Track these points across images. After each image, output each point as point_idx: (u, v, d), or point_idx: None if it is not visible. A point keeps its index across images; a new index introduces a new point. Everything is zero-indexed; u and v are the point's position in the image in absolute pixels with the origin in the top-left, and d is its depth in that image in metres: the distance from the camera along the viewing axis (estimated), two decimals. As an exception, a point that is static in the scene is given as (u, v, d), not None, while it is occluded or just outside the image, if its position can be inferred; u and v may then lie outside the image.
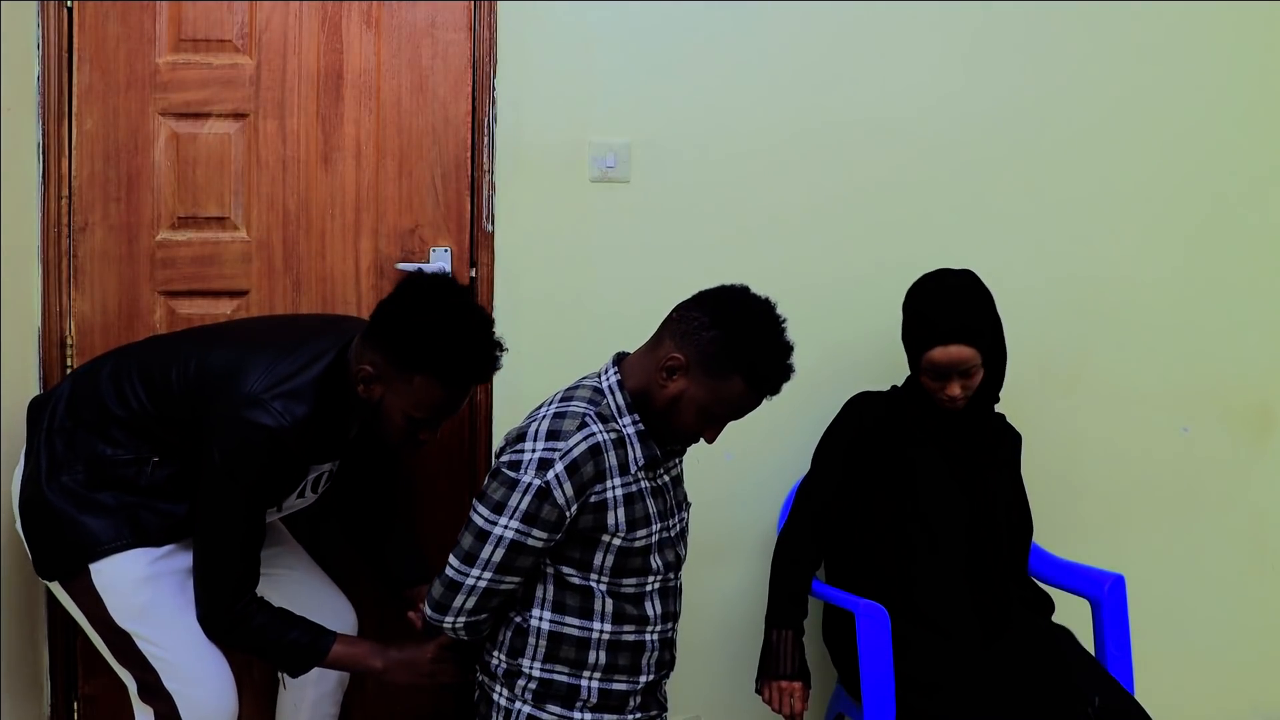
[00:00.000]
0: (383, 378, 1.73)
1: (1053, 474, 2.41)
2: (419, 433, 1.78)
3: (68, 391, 1.88)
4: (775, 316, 1.69)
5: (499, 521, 1.61)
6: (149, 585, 1.79)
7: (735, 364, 1.63)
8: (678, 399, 1.67)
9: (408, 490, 2.27)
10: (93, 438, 1.81)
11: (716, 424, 1.70)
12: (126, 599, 1.79)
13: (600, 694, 1.71)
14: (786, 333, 1.69)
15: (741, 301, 1.69)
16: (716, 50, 2.35)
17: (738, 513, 2.37)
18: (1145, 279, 2.45)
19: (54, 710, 2.29)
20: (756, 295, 1.71)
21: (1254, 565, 2.53)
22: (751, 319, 1.66)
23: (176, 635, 1.81)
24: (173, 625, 1.80)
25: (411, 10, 2.30)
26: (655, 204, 2.34)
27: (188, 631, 1.81)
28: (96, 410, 1.82)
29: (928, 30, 2.38)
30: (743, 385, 1.65)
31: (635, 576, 1.70)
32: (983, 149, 2.40)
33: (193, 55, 2.28)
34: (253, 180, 2.28)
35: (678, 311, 1.72)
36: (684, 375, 1.66)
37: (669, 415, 1.68)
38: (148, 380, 1.82)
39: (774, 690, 1.95)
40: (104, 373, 1.86)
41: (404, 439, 1.79)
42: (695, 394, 1.66)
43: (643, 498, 1.69)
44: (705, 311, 1.67)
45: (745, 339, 1.64)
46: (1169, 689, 2.29)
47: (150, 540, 1.80)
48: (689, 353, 1.65)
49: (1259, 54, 2.46)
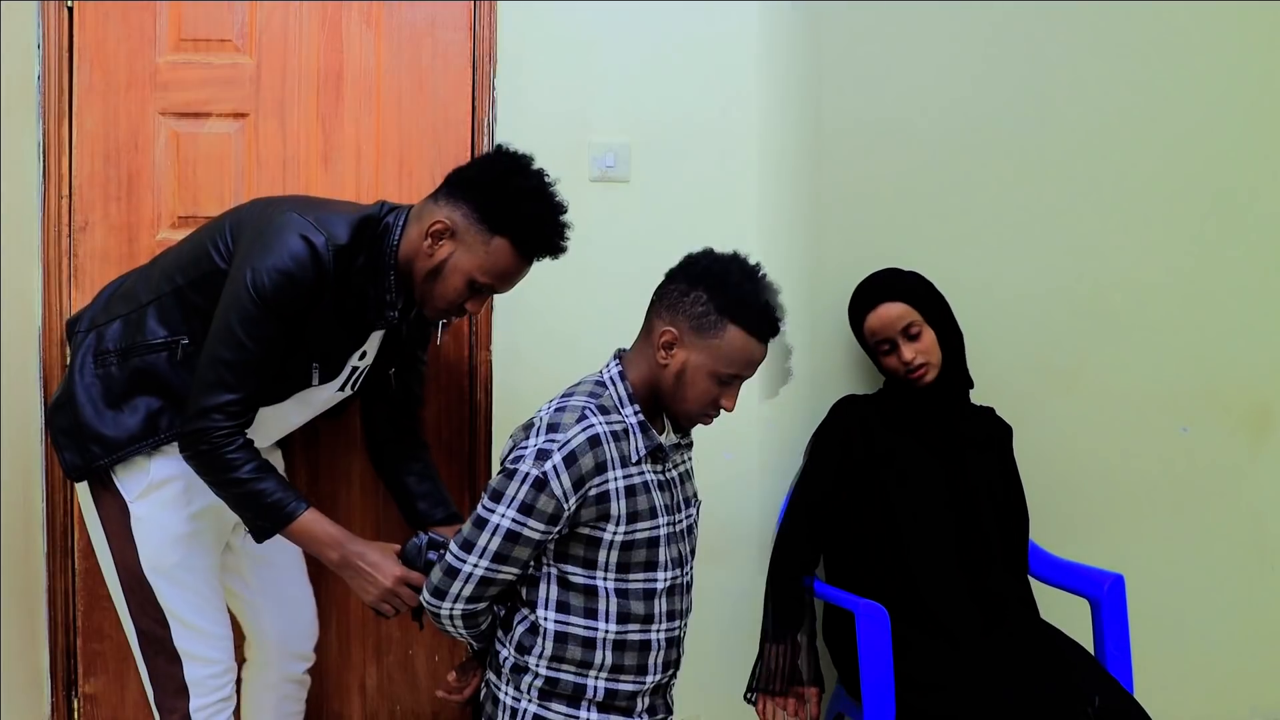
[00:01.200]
0: (459, 234, 1.73)
1: (1053, 473, 2.42)
2: (468, 302, 1.78)
3: (105, 295, 1.90)
4: (750, 264, 1.71)
5: (496, 510, 1.62)
6: (183, 543, 1.81)
7: (727, 315, 1.65)
8: (683, 372, 1.68)
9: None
10: (125, 328, 1.81)
11: (729, 385, 1.70)
12: (161, 552, 1.80)
13: (607, 693, 1.71)
14: (767, 275, 1.71)
15: (712, 257, 1.71)
16: (716, 50, 2.35)
17: (738, 512, 2.37)
18: (1145, 279, 2.46)
19: (54, 710, 2.29)
20: (724, 251, 1.73)
21: (1253, 565, 2.53)
22: (727, 269, 1.68)
23: (199, 597, 1.83)
24: (197, 587, 1.83)
25: (411, 10, 2.30)
26: (655, 204, 2.34)
27: (210, 595, 1.84)
28: (128, 302, 1.83)
29: (931, 32, 2.38)
30: (741, 334, 1.66)
31: (643, 572, 1.70)
32: (984, 150, 2.40)
33: (193, 55, 2.28)
34: (253, 180, 2.28)
35: (657, 293, 1.74)
36: (681, 346, 1.67)
37: (682, 391, 1.69)
38: (183, 256, 1.82)
39: (768, 704, 1.99)
40: (134, 274, 1.90)
41: (450, 307, 1.79)
42: (699, 360, 1.67)
43: (647, 490, 1.69)
44: (682, 279, 1.69)
45: (728, 289, 1.66)
46: (1168, 689, 2.29)
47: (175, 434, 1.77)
48: (679, 323, 1.67)
49: (1258, 55, 2.46)
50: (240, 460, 1.70)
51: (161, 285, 1.81)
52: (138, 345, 1.79)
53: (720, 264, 1.69)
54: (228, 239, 1.78)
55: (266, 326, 1.69)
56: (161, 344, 1.79)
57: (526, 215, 1.73)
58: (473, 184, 1.75)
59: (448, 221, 1.74)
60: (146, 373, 1.79)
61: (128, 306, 1.83)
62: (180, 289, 1.79)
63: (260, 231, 1.72)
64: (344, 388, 1.93)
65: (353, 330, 1.84)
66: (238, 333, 1.68)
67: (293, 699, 2.11)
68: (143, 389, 1.79)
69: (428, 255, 1.76)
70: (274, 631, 2.05)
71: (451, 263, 1.75)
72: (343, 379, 1.90)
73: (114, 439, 1.78)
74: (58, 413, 1.83)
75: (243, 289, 1.67)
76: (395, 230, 1.79)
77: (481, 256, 1.74)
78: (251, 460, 1.72)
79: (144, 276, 1.88)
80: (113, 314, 1.84)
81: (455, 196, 1.75)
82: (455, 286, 1.76)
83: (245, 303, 1.67)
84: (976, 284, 2.38)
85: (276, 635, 2.06)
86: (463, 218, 1.74)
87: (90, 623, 2.27)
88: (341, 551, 1.76)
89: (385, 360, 1.98)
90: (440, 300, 1.78)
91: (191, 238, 1.89)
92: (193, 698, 1.83)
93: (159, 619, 1.81)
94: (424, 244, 1.75)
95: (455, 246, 1.74)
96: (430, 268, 1.76)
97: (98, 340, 1.82)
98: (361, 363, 1.92)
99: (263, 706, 2.08)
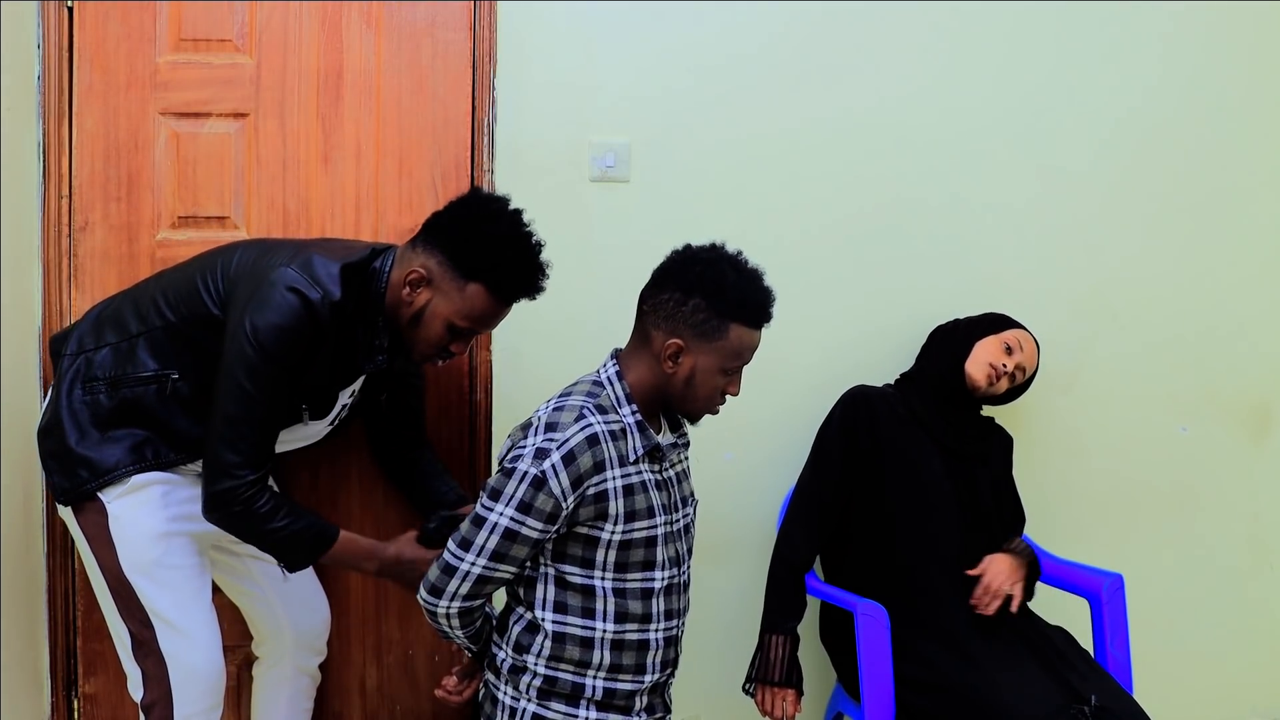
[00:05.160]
0: (434, 281, 1.77)
1: (1052, 474, 2.42)
2: (451, 345, 1.82)
3: (93, 317, 1.90)
4: (735, 257, 1.72)
5: (495, 508, 1.63)
6: (162, 541, 1.82)
7: (728, 317, 1.67)
8: (691, 376, 1.70)
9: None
10: (115, 357, 1.83)
11: (733, 376, 1.73)
12: (139, 550, 1.81)
13: (605, 692, 1.71)
14: (750, 263, 1.72)
15: (702, 261, 1.71)
16: (716, 50, 2.35)
17: (737, 512, 2.38)
18: (1145, 279, 2.46)
19: (54, 709, 2.29)
20: (703, 248, 1.73)
21: (1253, 565, 2.53)
22: (720, 271, 1.68)
23: (180, 596, 1.83)
24: (178, 586, 1.83)
25: (411, 10, 2.30)
26: (655, 204, 2.34)
27: (192, 595, 1.84)
28: (118, 331, 1.84)
29: (933, 31, 2.38)
30: (743, 330, 1.69)
31: (641, 571, 1.70)
32: (984, 151, 2.41)
33: (193, 55, 2.28)
34: (253, 180, 2.28)
35: (648, 302, 1.73)
36: (688, 354, 1.69)
37: (693, 392, 1.72)
38: (172, 291, 1.84)
39: (767, 694, 2.00)
40: (123, 299, 1.90)
41: (435, 351, 1.82)
42: (707, 362, 1.69)
43: (645, 489, 1.70)
44: (674, 288, 1.69)
45: (725, 292, 1.67)
46: (1168, 689, 2.29)
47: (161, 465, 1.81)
48: (683, 332, 1.68)
49: (1259, 56, 2.46)
50: (270, 511, 1.75)
51: (152, 318, 1.83)
52: (128, 376, 1.81)
53: (711, 268, 1.68)
54: (219, 284, 1.80)
55: (272, 378, 1.72)
56: (151, 377, 1.81)
57: (498, 262, 1.76)
58: (444, 232, 1.78)
59: (423, 271, 1.78)
60: (135, 404, 1.81)
61: (118, 335, 1.84)
62: (172, 325, 1.81)
63: (257, 285, 1.73)
64: (333, 422, 1.97)
65: (343, 374, 1.87)
66: (247, 388, 1.71)
67: (305, 694, 2.14)
68: (130, 420, 1.82)
69: (407, 303, 1.80)
70: (290, 626, 2.07)
71: (430, 309, 1.79)
72: (332, 415, 1.93)
73: (101, 464, 1.80)
74: (45, 437, 1.85)
75: (245, 344, 1.70)
76: (382, 275, 1.82)
77: (458, 303, 1.77)
78: (280, 507, 1.77)
79: (133, 303, 1.88)
80: (102, 340, 1.85)
81: (430, 244, 1.79)
82: (436, 332, 1.80)
83: (250, 358, 1.70)
84: (977, 286, 2.38)
85: (293, 629, 2.08)
86: (437, 265, 1.77)
87: (90, 623, 2.26)
88: (377, 561, 1.86)
89: (375, 389, 2.02)
90: (424, 345, 1.83)
91: (182, 269, 1.90)
92: (177, 705, 1.83)
93: (144, 620, 1.82)
94: (403, 292, 1.79)
95: (433, 294, 1.78)
96: (411, 315, 1.80)
97: (86, 366, 1.83)
98: (351, 399, 1.96)
99: (277, 701, 2.10)
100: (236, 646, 2.16)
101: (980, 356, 2.12)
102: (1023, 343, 2.15)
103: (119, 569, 1.81)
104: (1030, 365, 2.17)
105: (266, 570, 2.04)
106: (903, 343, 2.35)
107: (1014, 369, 2.12)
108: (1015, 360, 2.12)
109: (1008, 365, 2.11)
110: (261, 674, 2.11)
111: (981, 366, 2.11)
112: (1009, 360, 2.12)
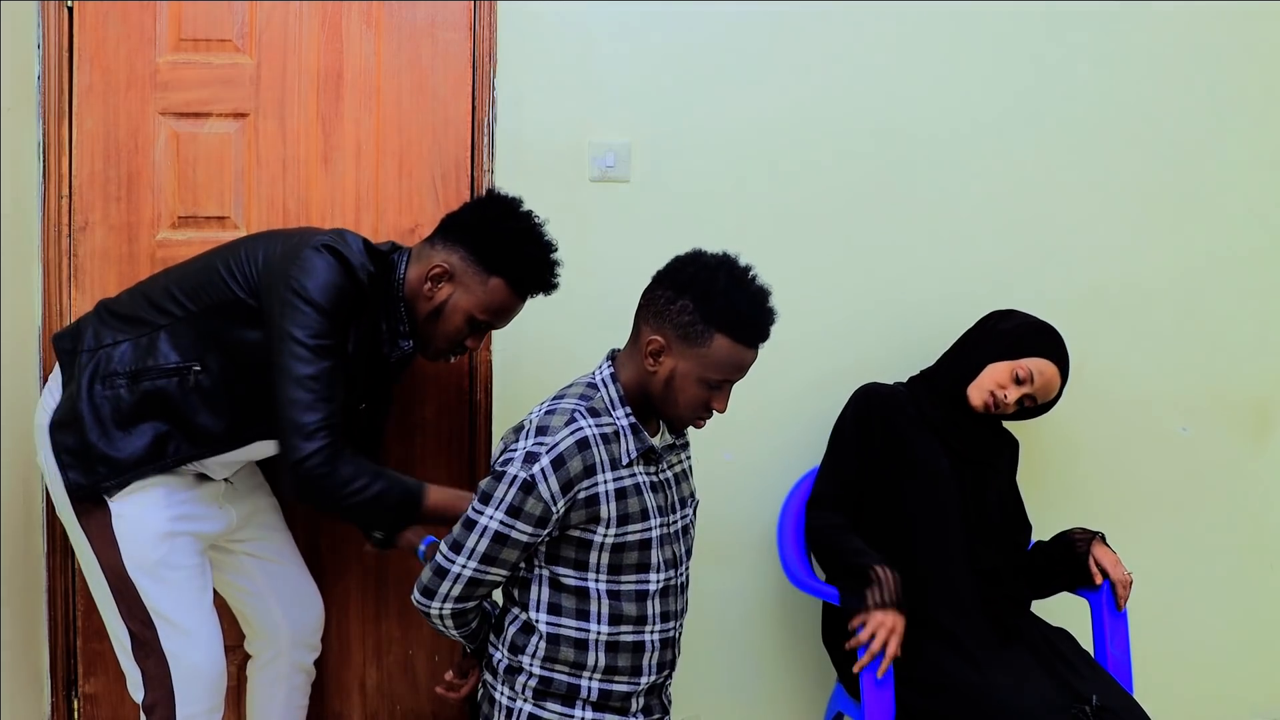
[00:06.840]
0: (457, 276, 1.83)
1: (1053, 474, 2.42)
2: (468, 339, 1.87)
3: (103, 313, 1.88)
4: (740, 269, 1.67)
5: (485, 512, 1.63)
6: (167, 541, 1.82)
7: (714, 325, 1.63)
8: (671, 379, 1.66)
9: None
10: (134, 351, 1.81)
11: (719, 390, 1.69)
12: (143, 549, 1.81)
13: (601, 693, 1.71)
14: (758, 279, 1.68)
15: (700, 264, 1.68)
16: (716, 50, 2.35)
17: (737, 513, 2.37)
18: (1145, 279, 2.46)
19: (54, 709, 2.29)
20: (714, 254, 1.70)
21: (1253, 565, 2.53)
22: (714, 276, 1.65)
23: (183, 595, 1.84)
24: (181, 586, 1.83)
25: (411, 10, 2.30)
26: (655, 204, 2.34)
27: (194, 595, 1.85)
28: (135, 325, 1.83)
29: (934, 33, 2.38)
30: (728, 343, 1.64)
31: (635, 574, 1.70)
32: (984, 152, 2.40)
33: (193, 55, 2.28)
34: (253, 180, 2.28)
35: (645, 295, 1.72)
36: (669, 354, 1.66)
37: (672, 397, 1.68)
38: (188, 282, 1.83)
39: (888, 619, 1.84)
40: (132, 294, 1.89)
41: (450, 346, 1.88)
42: (686, 368, 1.65)
43: (638, 491, 1.69)
44: (669, 285, 1.67)
45: (714, 298, 1.63)
46: (1168, 689, 2.29)
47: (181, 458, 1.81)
48: (666, 331, 1.65)
49: (1259, 57, 2.46)
50: (358, 470, 1.74)
51: (172, 309, 1.82)
52: (149, 369, 1.81)
53: (708, 271, 1.65)
54: (246, 269, 1.80)
55: (331, 332, 1.74)
56: (173, 369, 1.81)
57: (521, 256, 1.83)
58: (468, 228, 1.85)
59: (446, 265, 1.83)
60: (156, 396, 1.80)
61: (136, 329, 1.83)
62: (194, 315, 1.81)
63: (293, 258, 1.75)
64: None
65: (367, 366, 1.87)
66: (310, 344, 1.72)
67: (300, 690, 2.14)
68: (151, 413, 1.81)
69: (428, 297, 1.85)
70: (286, 623, 2.07)
71: (451, 303, 1.84)
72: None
73: (121, 461, 1.79)
74: (61, 431, 1.83)
75: (300, 306, 1.72)
76: (400, 267, 1.87)
77: (480, 296, 1.83)
78: (363, 468, 1.75)
79: (144, 298, 1.86)
80: (120, 336, 1.84)
81: (451, 240, 1.84)
82: (456, 325, 1.85)
83: (307, 316, 1.72)
84: (977, 285, 2.38)
85: (289, 626, 2.08)
86: (460, 260, 1.83)
87: (90, 623, 2.27)
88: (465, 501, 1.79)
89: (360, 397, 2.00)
90: (441, 339, 1.87)
91: (194, 263, 1.89)
92: (179, 706, 1.83)
93: (145, 620, 1.82)
94: (424, 286, 1.84)
95: (454, 288, 1.84)
96: (431, 309, 1.85)
97: (105, 361, 1.82)
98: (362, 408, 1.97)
99: (274, 698, 2.10)
100: (236, 647, 2.16)
101: (985, 382, 2.06)
102: (1036, 374, 2.04)
103: (122, 568, 1.81)
104: (1043, 396, 2.06)
105: (263, 567, 2.05)
106: (904, 342, 2.35)
107: (1016, 401, 2.04)
108: (1022, 392, 2.04)
109: (1009, 397, 2.03)
110: (257, 672, 2.11)
111: (982, 393, 2.05)
112: (1014, 391, 2.04)
